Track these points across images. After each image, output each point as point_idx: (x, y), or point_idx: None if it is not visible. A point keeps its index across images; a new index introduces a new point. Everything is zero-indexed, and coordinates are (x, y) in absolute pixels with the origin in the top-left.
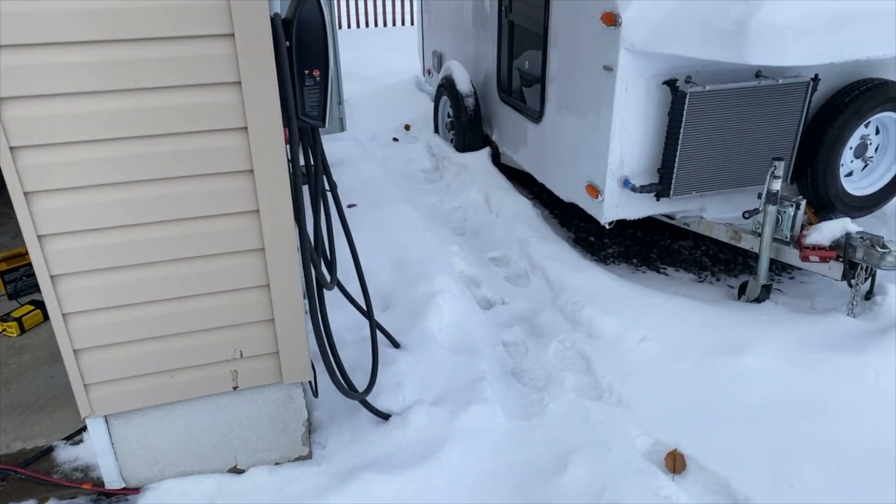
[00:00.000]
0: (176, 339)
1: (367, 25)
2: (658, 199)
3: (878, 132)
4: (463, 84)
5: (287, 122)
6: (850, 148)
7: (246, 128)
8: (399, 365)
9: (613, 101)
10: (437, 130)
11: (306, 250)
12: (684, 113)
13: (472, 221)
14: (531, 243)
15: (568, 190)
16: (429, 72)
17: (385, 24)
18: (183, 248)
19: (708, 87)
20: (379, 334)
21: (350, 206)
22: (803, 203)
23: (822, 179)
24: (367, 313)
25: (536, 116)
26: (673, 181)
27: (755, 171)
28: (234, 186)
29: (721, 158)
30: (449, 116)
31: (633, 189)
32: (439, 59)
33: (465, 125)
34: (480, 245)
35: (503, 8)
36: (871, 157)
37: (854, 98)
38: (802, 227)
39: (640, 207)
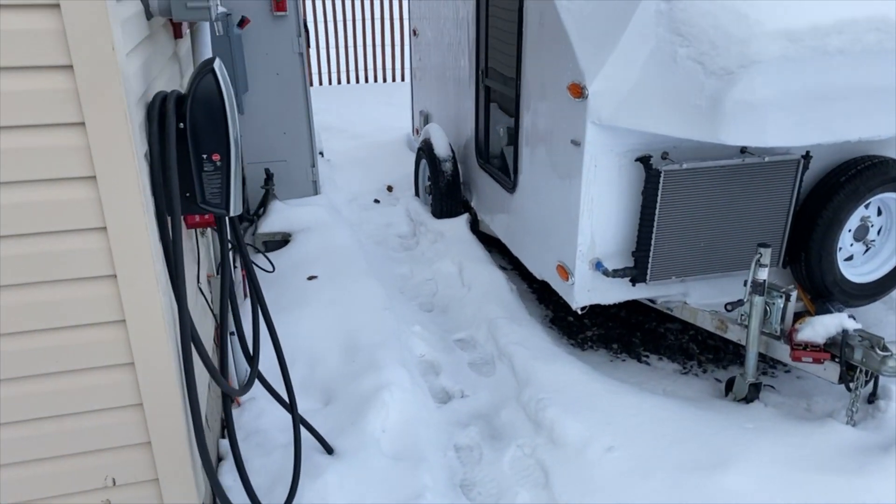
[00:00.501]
0: (36, 466)
1: (365, 80)
2: (634, 285)
3: (879, 213)
4: (441, 148)
5: (178, 210)
6: (850, 230)
7: (105, 227)
8: (326, 477)
9: (581, 177)
10: (417, 194)
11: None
12: (659, 193)
13: (442, 296)
14: (500, 325)
15: (540, 267)
16: (417, 131)
17: (384, 80)
18: (39, 363)
19: (685, 166)
20: (312, 437)
21: (310, 277)
22: (794, 294)
23: (817, 265)
24: (293, 415)
25: (511, 186)
26: (649, 266)
27: (742, 255)
28: (95, 294)
29: (703, 242)
30: (428, 180)
31: (606, 273)
32: (425, 119)
33: (443, 190)
34: (448, 324)
35: (480, 72)
36: (874, 240)
37: (851, 177)
38: (795, 320)
39: (615, 292)
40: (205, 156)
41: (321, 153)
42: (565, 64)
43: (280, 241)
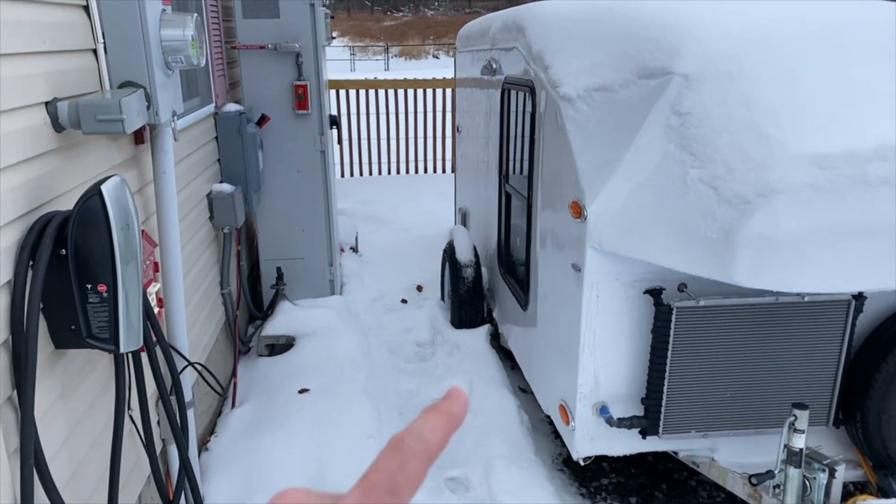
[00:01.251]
0: None
1: (424, 171)
2: (644, 437)
3: None
4: (463, 252)
5: (33, 356)
6: None
7: None
8: None
9: (581, 307)
10: (443, 298)
11: None
12: (671, 332)
13: None
14: (497, 467)
15: (545, 402)
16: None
17: (444, 171)
18: None
19: (703, 302)
20: None
21: (302, 391)
22: (841, 468)
23: (876, 428)
24: None
25: (524, 303)
26: (662, 416)
27: (779, 411)
28: None
29: (729, 392)
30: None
31: (610, 422)
32: (463, 217)
33: (463, 298)
34: (443, 457)
35: (501, 175)
36: None
37: None
38: (846, 498)
39: (623, 443)
40: (89, 286)
41: (354, 249)
42: (568, 178)
43: (284, 344)
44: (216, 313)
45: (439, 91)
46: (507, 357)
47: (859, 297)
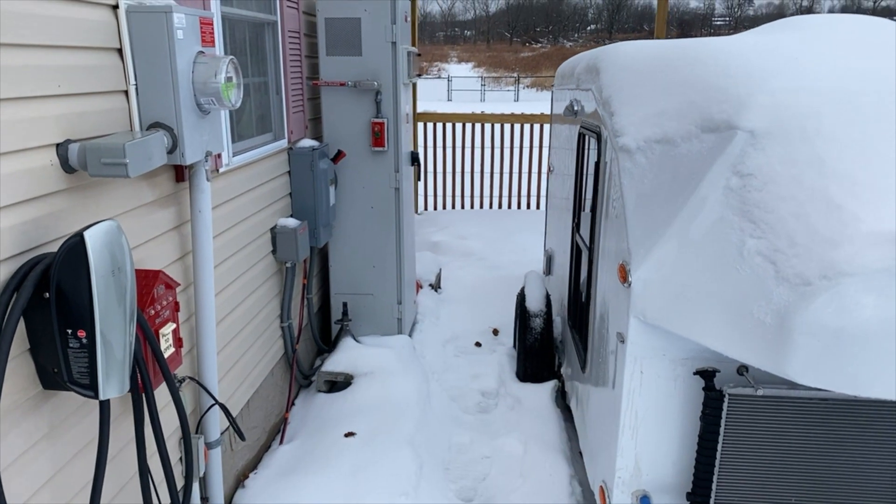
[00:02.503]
0: None
1: (527, 206)
2: None
3: None
4: (534, 301)
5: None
6: None
7: None
8: None
9: (623, 382)
10: (514, 345)
11: None
12: (722, 422)
13: (492, 483)
14: None
15: (592, 477)
16: (544, 271)
17: (539, 206)
18: None
19: (762, 391)
20: None
21: (348, 434)
22: None
23: None
24: None
25: (583, 363)
26: None
27: None
28: None
29: (794, 496)
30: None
31: None
32: (548, 261)
33: (529, 349)
34: None
35: (574, 224)
36: None
37: None
38: None
39: None
40: (70, 331)
41: (433, 286)
42: (620, 239)
43: (343, 382)
44: (272, 346)
45: (546, 126)
46: (572, 418)
47: None
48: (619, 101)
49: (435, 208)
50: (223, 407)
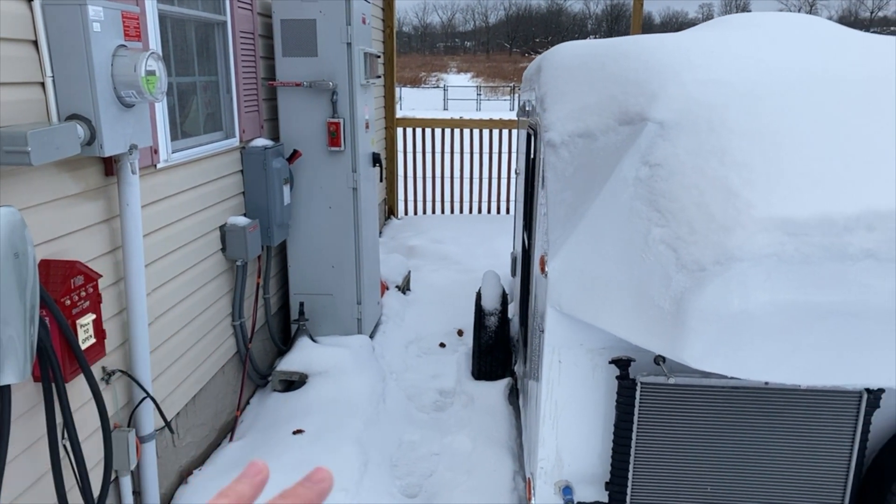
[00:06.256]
0: None
1: (507, 212)
2: None
3: None
4: (489, 299)
5: None
6: None
7: None
8: None
9: (542, 373)
10: None
11: None
12: (635, 411)
13: (438, 479)
14: None
15: (527, 471)
16: (513, 273)
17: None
18: None
19: (675, 380)
20: None
21: (296, 432)
22: None
23: None
24: None
25: (525, 359)
26: None
27: None
28: None
29: (710, 486)
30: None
31: None
32: (513, 262)
33: (483, 348)
34: None
35: (524, 223)
36: None
37: None
38: None
39: None
40: None
41: (400, 287)
42: (543, 231)
43: (298, 381)
44: (222, 344)
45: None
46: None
47: (875, 391)
48: (551, 98)
49: (415, 213)
50: (154, 400)
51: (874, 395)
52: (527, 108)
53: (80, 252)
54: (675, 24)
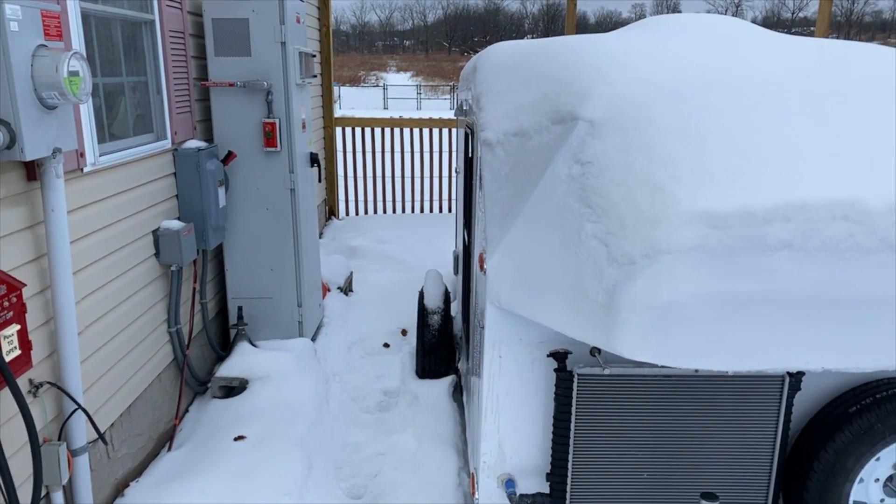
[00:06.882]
0: None
1: (449, 210)
2: None
3: None
4: (432, 298)
5: None
6: (877, 480)
7: None
8: None
9: (483, 369)
10: None
11: None
12: (573, 402)
13: (383, 479)
14: None
15: (470, 468)
16: (454, 270)
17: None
18: None
19: (609, 371)
20: None
21: (237, 438)
22: None
23: None
24: None
25: (467, 356)
26: (568, 496)
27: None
28: None
29: (646, 472)
30: None
31: (512, 499)
32: (456, 260)
33: (427, 346)
34: None
35: (465, 221)
36: None
37: (863, 410)
38: None
39: None
40: None
41: (342, 289)
42: (481, 228)
43: (239, 387)
44: (158, 351)
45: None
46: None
47: (796, 375)
48: (486, 98)
49: (356, 213)
50: (85, 411)
51: (795, 379)
52: (464, 108)
53: (2, 260)
54: (609, 23)
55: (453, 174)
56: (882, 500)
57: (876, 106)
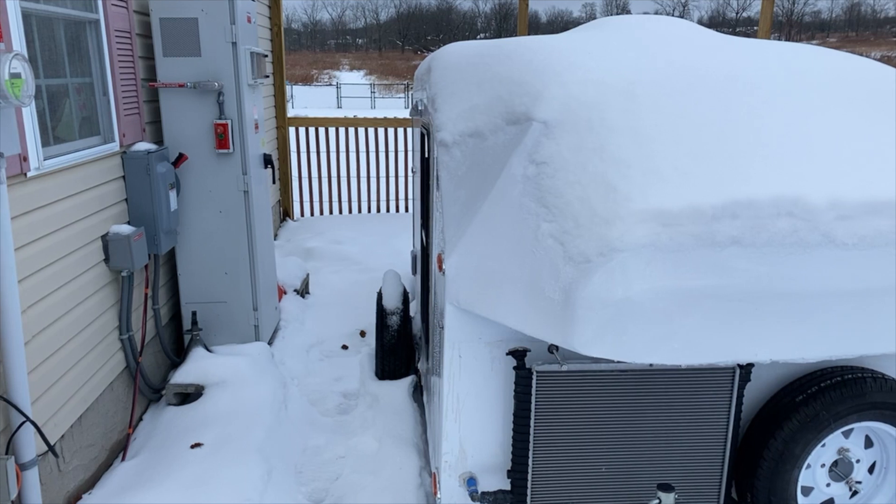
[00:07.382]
0: None
1: (405, 210)
2: None
3: (870, 444)
4: (390, 298)
5: None
6: (823, 466)
7: None
8: None
9: (443, 368)
10: None
11: None
12: (532, 399)
13: (344, 482)
14: None
15: (432, 464)
16: (412, 270)
17: None
18: None
19: (567, 367)
20: None
21: (194, 445)
22: None
23: None
24: None
25: (427, 356)
26: (529, 492)
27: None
28: None
29: (605, 466)
30: None
31: (474, 496)
32: (414, 260)
33: (386, 347)
34: None
35: (422, 221)
36: (860, 481)
37: (809, 399)
38: None
39: None
40: None
41: (299, 291)
42: (439, 228)
43: (194, 393)
44: (110, 359)
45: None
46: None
47: (746, 366)
48: (441, 99)
49: (312, 214)
50: (34, 423)
51: (745, 370)
52: (419, 108)
53: None
54: (560, 22)
55: (410, 174)
56: (828, 485)
57: (819, 105)
